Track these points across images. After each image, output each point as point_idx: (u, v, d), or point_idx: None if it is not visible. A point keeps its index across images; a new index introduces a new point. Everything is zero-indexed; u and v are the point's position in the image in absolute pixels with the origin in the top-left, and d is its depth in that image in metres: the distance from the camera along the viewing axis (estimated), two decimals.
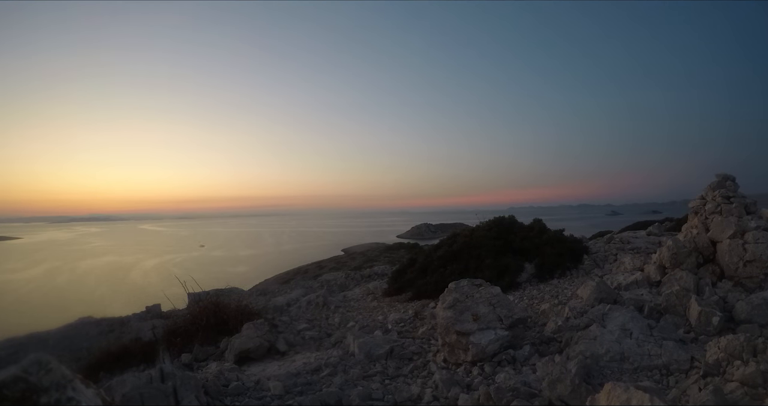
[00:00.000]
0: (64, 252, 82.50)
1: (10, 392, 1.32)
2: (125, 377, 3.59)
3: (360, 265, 26.06)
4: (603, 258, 9.22)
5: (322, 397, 4.07)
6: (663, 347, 4.36)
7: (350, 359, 5.42)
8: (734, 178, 7.22)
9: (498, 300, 5.40)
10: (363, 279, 13.44)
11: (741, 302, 5.07)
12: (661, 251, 6.86)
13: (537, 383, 3.98)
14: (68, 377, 1.47)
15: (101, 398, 1.60)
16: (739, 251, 6.15)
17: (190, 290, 9.04)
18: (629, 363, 4.30)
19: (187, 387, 3.70)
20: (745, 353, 3.80)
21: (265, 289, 14.78)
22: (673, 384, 3.89)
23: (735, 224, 6.41)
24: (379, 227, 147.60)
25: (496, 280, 8.01)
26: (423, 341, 5.96)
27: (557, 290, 7.58)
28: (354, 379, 4.73)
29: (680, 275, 6.06)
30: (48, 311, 29.64)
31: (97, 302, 33.55)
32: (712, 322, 4.76)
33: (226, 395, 4.26)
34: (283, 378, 4.80)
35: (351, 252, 43.86)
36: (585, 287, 6.36)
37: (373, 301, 9.59)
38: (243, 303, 8.15)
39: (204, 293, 9.45)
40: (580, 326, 5.18)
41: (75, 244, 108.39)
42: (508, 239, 9.70)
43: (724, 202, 6.83)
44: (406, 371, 4.96)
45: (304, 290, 11.59)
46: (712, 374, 3.73)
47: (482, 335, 4.96)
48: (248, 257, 65.73)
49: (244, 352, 6.09)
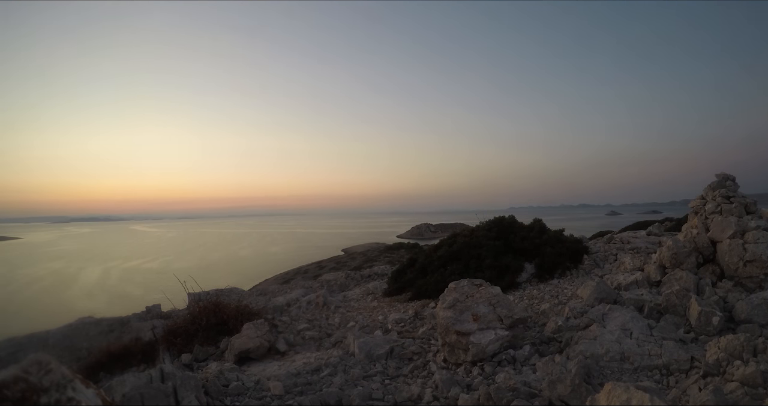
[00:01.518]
0: (20, 257, 78.08)
1: (10, 392, 1.32)
2: (125, 377, 3.59)
3: (360, 265, 26.07)
4: (603, 258, 9.22)
5: (323, 397, 4.07)
6: (663, 347, 4.36)
7: (350, 359, 5.42)
8: (734, 178, 7.22)
9: (498, 300, 5.40)
10: (363, 279, 13.45)
11: (741, 302, 5.07)
12: (661, 251, 6.86)
13: (537, 383, 3.98)
14: (68, 377, 1.47)
15: (101, 398, 1.60)
16: (739, 251, 6.15)
17: (190, 289, 9.04)
18: (629, 363, 4.30)
19: (187, 387, 3.70)
20: (745, 353, 3.80)
21: (265, 289, 14.78)
22: (673, 384, 3.89)
23: (735, 223, 6.41)
24: (377, 228, 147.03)
25: (496, 280, 8.01)
26: (423, 341, 5.96)
27: (557, 290, 7.58)
28: (354, 379, 4.73)
29: (680, 274, 6.06)
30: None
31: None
32: (712, 322, 4.76)
33: (227, 395, 4.26)
34: (283, 378, 4.80)
35: (351, 252, 43.87)
36: (585, 287, 6.36)
37: (373, 301, 9.59)
38: (243, 303, 8.15)
39: (204, 293, 9.45)
40: (580, 326, 5.18)
41: (46, 246, 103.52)
42: (508, 239, 9.70)
43: (724, 202, 6.83)
44: (406, 371, 4.96)
45: (304, 290, 11.59)
46: (712, 374, 3.74)
47: (482, 335, 4.96)
48: (183, 268, 59.71)
49: (244, 352, 6.09)
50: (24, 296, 39.10)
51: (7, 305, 33.26)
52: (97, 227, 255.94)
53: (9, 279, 49.15)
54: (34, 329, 8.81)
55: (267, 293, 13.27)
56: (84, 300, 35.00)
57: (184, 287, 8.86)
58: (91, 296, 37.40)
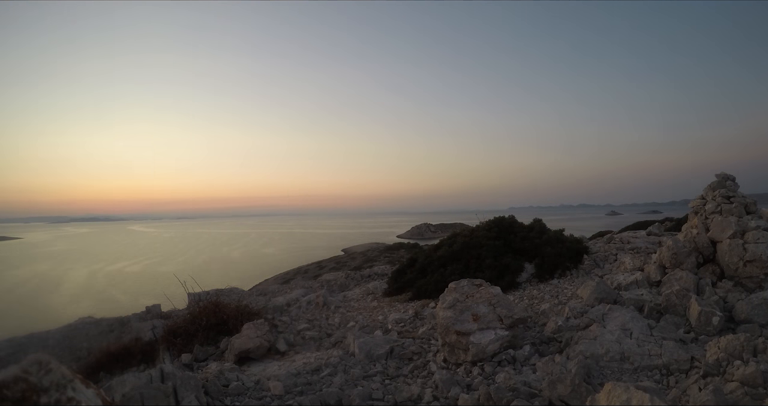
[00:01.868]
0: (10, 259, 75.87)
1: (10, 392, 1.32)
2: (125, 377, 3.59)
3: (360, 265, 26.08)
4: (603, 258, 9.22)
5: (323, 397, 4.07)
6: (663, 347, 4.36)
7: (350, 359, 5.41)
8: (734, 178, 7.22)
9: (498, 300, 5.40)
10: (363, 279, 13.45)
11: (741, 302, 5.07)
12: (661, 251, 6.86)
13: (537, 383, 3.98)
14: (68, 377, 1.47)
15: (101, 398, 1.59)
16: (739, 251, 6.15)
17: (190, 289, 9.04)
18: (629, 363, 4.30)
19: (187, 387, 3.70)
20: (746, 353, 3.80)
21: (265, 289, 14.78)
22: (673, 384, 3.89)
23: (735, 223, 6.41)
24: (377, 228, 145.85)
25: (496, 280, 8.02)
26: (423, 341, 5.96)
27: (557, 290, 7.58)
28: (354, 379, 4.73)
29: (680, 274, 6.06)
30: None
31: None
32: (712, 322, 4.77)
33: (227, 395, 4.26)
34: (283, 378, 4.80)
35: (351, 252, 43.89)
36: (585, 287, 6.37)
37: (373, 301, 9.59)
38: (243, 303, 8.15)
39: (204, 293, 9.45)
40: (580, 326, 5.18)
41: (40, 247, 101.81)
42: (508, 239, 9.70)
43: (724, 202, 6.83)
44: (406, 371, 4.96)
45: (304, 290, 11.58)
46: (712, 374, 3.74)
47: (482, 335, 4.96)
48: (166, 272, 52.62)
49: (244, 352, 6.09)
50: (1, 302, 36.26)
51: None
52: (95, 227, 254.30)
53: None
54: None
55: (267, 293, 13.27)
56: (67, 306, 33.07)
57: (184, 287, 8.86)
58: (75, 301, 35.33)
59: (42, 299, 37.26)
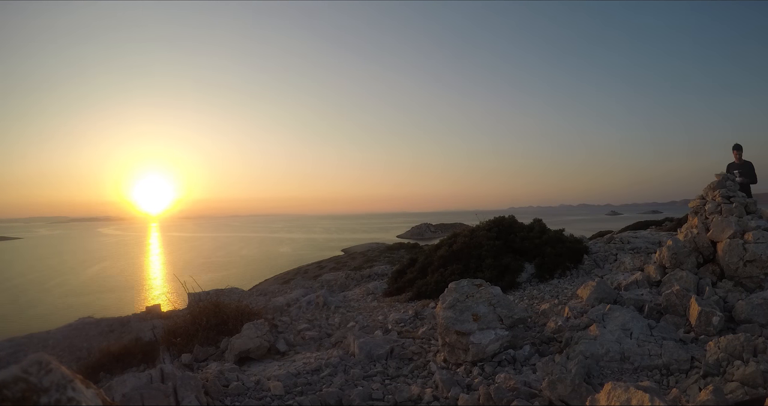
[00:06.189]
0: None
1: (10, 392, 1.32)
2: (125, 377, 3.59)
3: (360, 265, 26.06)
4: (603, 258, 9.22)
5: (323, 397, 4.07)
6: (663, 347, 4.36)
7: (350, 359, 5.41)
8: (734, 178, 7.22)
9: (498, 300, 5.40)
10: (363, 279, 13.44)
11: (741, 302, 5.07)
12: (661, 251, 6.86)
13: (537, 383, 3.98)
14: (68, 377, 1.47)
15: (101, 398, 1.59)
16: (739, 251, 6.14)
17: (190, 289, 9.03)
18: (629, 363, 4.30)
19: (187, 387, 3.70)
20: (746, 353, 3.80)
21: (265, 289, 14.79)
22: (673, 384, 3.89)
23: (735, 223, 6.40)
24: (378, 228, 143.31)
25: (497, 280, 8.01)
26: (423, 341, 5.96)
27: (557, 290, 7.58)
28: (354, 379, 4.72)
29: (680, 274, 6.06)
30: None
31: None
32: (712, 322, 4.76)
33: (227, 395, 4.26)
34: (283, 378, 4.80)
35: (351, 252, 43.88)
36: (585, 287, 6.36)
37: (373, 301, 9.59)
38: (243, 303, 8.15)
39: (204, 293, 9.45)
40: (580, 326, 5.18)
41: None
42: (508, 239, 9.70)
43: (725, 202, 6.83)
44: (406, 371, 4.96)
45: (304, 290, 11.58)
46: (712, 374, 3.74)
47: (482, 335, 4.96)
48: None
49: (244, 352, 6.09)
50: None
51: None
52: (69, 230, 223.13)
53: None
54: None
55: (267, 293, 13.28)
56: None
57: (184, 287, 8.86)
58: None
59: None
